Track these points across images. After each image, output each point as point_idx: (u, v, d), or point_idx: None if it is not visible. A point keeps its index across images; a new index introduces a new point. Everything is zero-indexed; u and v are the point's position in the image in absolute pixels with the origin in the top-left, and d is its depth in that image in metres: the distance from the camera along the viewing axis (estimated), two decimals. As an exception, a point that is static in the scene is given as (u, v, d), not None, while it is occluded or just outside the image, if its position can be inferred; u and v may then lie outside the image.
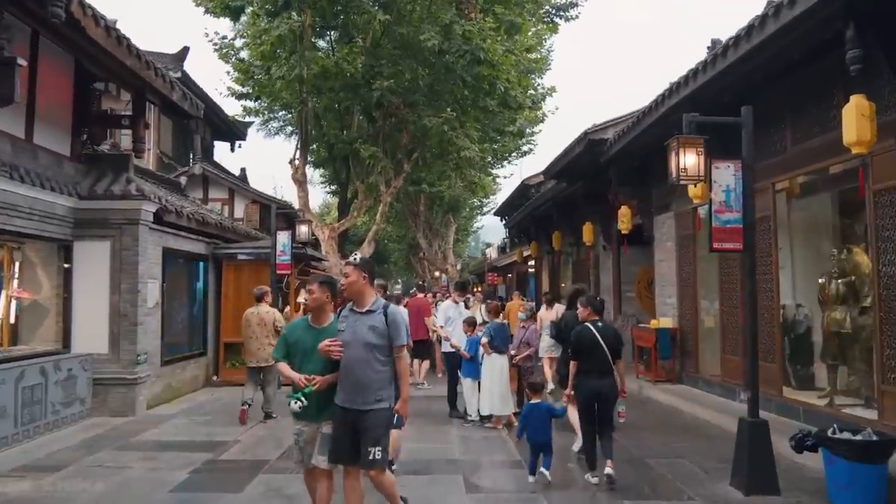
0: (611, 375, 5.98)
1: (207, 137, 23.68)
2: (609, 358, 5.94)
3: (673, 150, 6.23)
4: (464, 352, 8.84)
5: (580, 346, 6.03)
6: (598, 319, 6.21)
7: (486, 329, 8.49)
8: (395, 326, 4.26)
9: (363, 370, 4.19)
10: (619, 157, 11.82)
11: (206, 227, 12.20)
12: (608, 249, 15.17)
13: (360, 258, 4.66)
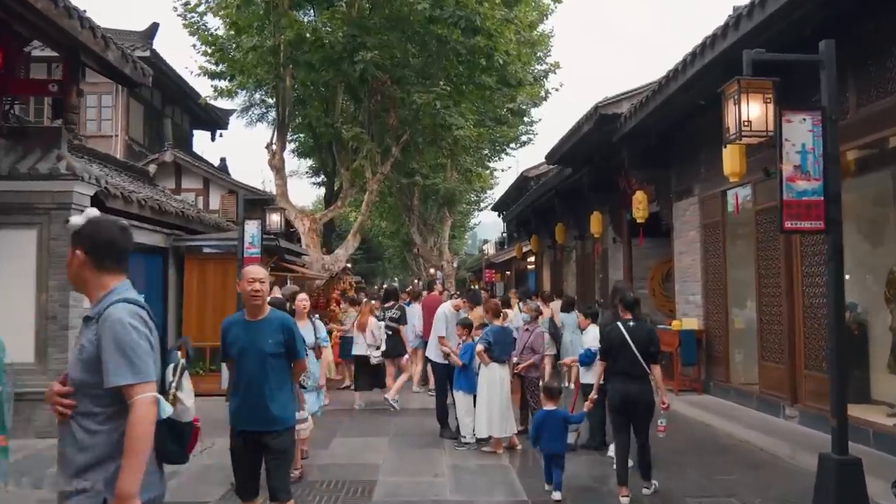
0: (643, 380, 5.42)
1: (185, 125, 22.23)
2: (640, 360, 5.38)
3: (731, 97, 4.76)
4: (455, 358, 7.38)
5: (607, 346, 5.60)
6: (629, 318, 5.63)
7: (484, 334, 7.02)
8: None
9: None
10: (635, 135, 10.37)
11: (164, 216, 10.71)
12: (618, 242, 13.72)
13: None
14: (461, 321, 7.58)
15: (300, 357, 4.15)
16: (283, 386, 3.99)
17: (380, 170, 13.89)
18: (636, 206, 11.03)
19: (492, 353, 6.90)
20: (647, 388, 5.41)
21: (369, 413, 9.45)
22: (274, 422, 3.90)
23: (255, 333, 3.91)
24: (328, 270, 14.22)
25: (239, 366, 3.95)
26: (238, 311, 4.24)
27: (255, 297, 3.88)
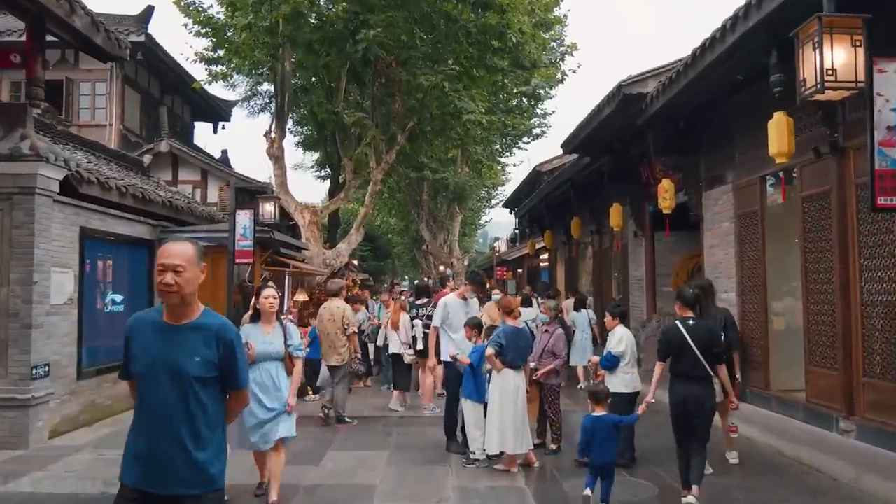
0: (705, 382, 5.17)
1: (185, 116, 21.46)
2: (702, 361, 5.12)
3: (809, 40, 3.89)
4: (463, 356, 6.50)
5: (666, 346, 5.34)
6: (689, 316, 5.35)
7: (495, 335, 6.12)
8: None
9: None
10: (661, 117, 9.44)
11: (149, 205, 9.91)
12: (640, 236, 12.77)
13: None
14: (470, 321, 6.68)
15: (241, 387, 2.79)
16: (212, 427, 2.66)
17: (385, 159, 13.01)
18: (662, 196, 10.08)
19: (504, 358, 6.00)
20: (709, 390, 5.18)
21: (369, 421, 8.59)
22: (193, 481, 2.57)
23: (173, 344, 2.62)
24: (329, 266, 13.38)
25: (144, 390, 2.64)
26: (155, 308, 2.85)
27: (167, 291, 2.62)
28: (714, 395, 5.26)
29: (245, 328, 5.12)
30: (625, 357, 6.36)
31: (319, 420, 8.46)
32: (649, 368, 11.89)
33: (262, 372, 4.96)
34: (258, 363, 4.95)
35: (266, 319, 5.18)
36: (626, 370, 6.36)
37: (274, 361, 5.05)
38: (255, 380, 4.84)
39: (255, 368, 4.90)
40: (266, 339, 5.05)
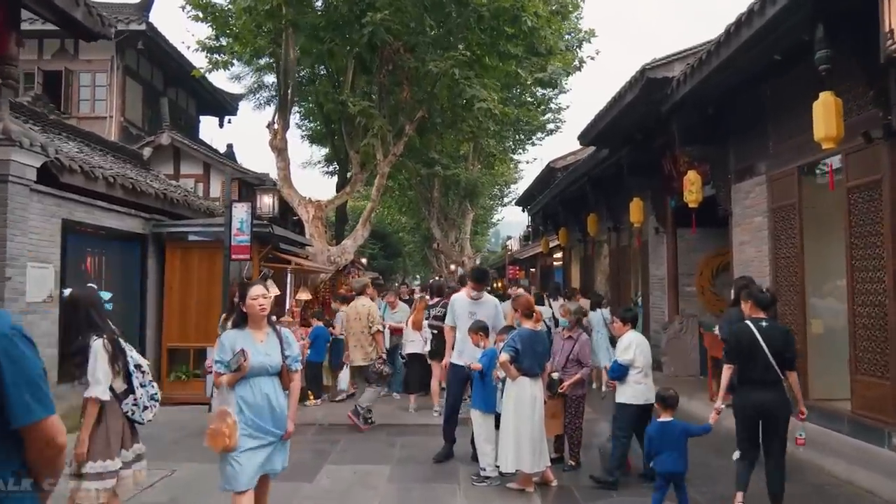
0: (777, 388, 4.84)
1: (190, 110, 20.94)
2: (774, 365, 4.80)
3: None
4: (474, 363, 5.87)
5: (736, 348, 4.98)
6: (762, 317, 4.97)
7: (511, 339, 5.47)
8: None
9: None
10: (688, 103, 8.77)
11: (141, 197, 9.35)
12: (661, 232, 12.08)
13: None
14: (474, 326, 6.03)
15: (35, 418, 1.83)
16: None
17: (392, 150, 12.39)
18: (688, 190, 9.40)
19: (521, 365, 5.36)
20: (782, 397, 4.83)
21: (372, 429, 7.98)
22: None
23: None
24: (334, 263, 12.78)
25: None
26: None
27: None
28: (788, 401, 4.88)
29: (229, 335, 3.99)
30: (635, 365, 5.70)
31: (351, 424, 8.02)
32: (675, 374, 11.27)
33: (255, 391, 3.85)
34: (250, 379, 3.84)
35: (255, 324, 4.02)
36: (638, 380, 5.71)
37: (271, 378, 3.94)
38: (246, 401, 3.83)
39: (247, 386, 3.84)
40: (261, 349, 3.91)
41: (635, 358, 5.66)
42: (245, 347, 3.84)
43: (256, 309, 3.96)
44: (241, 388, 3.85)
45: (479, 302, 6.52)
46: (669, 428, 4.83)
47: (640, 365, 5.68)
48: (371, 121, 11.62)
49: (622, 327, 6.01)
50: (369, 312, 8.27)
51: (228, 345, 3.87)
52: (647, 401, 5.64)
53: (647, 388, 5.70)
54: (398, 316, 10.16)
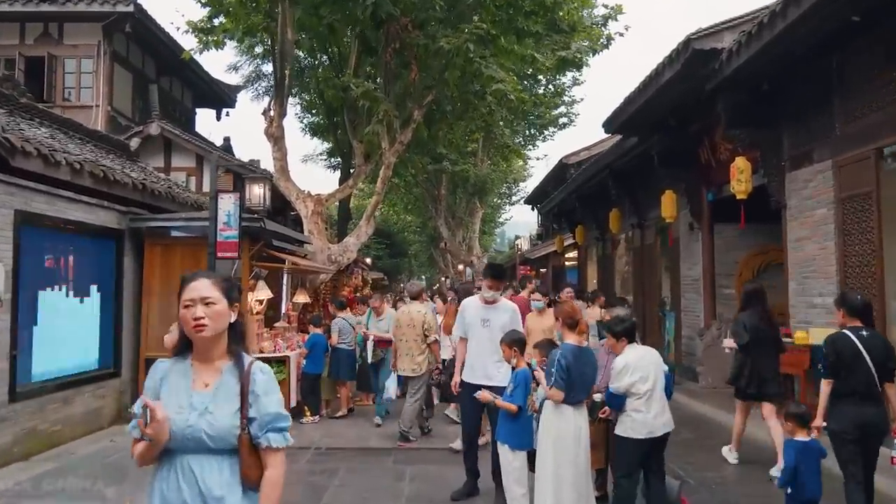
0: (879, 401, 4.35)
1: (186, 101, 19.88)
2: (876, 378, 4.30)
3: None
4: (503, 401, 4.69)
5: (836, 360, 4.45)
6: (860, 326, 4.48)
7: (558, 359, 4.26)
8: None
9: None
10: (739, 79, 7.65)
11: (115, 187, 8.26)
12: (696, 229, 10.94)
13: None
14: (508, 337, 4.86)
15: None
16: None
17: (399, 138, 11.27)
18: (736, 179, 8.26)
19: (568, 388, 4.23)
20: (884, 411, 4.38)
21: (376, 455, 6.87)
22: None
23: None
24: (335, 263, 11.68)
25: None
26: None
27: None
28: (886, 415, 4.39)
29: (157, 370, 2.24)
30: (634, 392, 4.43)
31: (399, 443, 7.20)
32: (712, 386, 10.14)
33: (179, 480, 2.10)
34: (175, 457, 2.12)
35: (200, 355, 2.21)
36: (638, 407, 4.42)
37: (214, 457, 2.12)
38: (164, 497, 2.10)
39: (167, 469, 2.12)
40: (198, 400, 2.14)
41: (633, 383, 4.41)
42: (165, 399, 2.14)
43: (190, 325, 2.14)
44: (161, 472, 2.14)
45: (493, 307, 5.37)
46: (809, 449, 4.21)
47: (640, 390, 4.42)
48: (376, 105, 10.52)
49: (616, 344, 4.63)
50: (424, 320, 7.47)
51: (150, 387, 2.20)
52: (650, 433, 4.40)
53: (651, 416, 4.42)
54: (384, 325, 8.67)
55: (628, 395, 4.45)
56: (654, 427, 4.43)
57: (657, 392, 4.48)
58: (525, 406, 4.47)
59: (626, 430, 4.46)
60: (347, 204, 18.32)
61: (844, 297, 4.80)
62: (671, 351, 11.52)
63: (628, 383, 4.42)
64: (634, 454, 4.46)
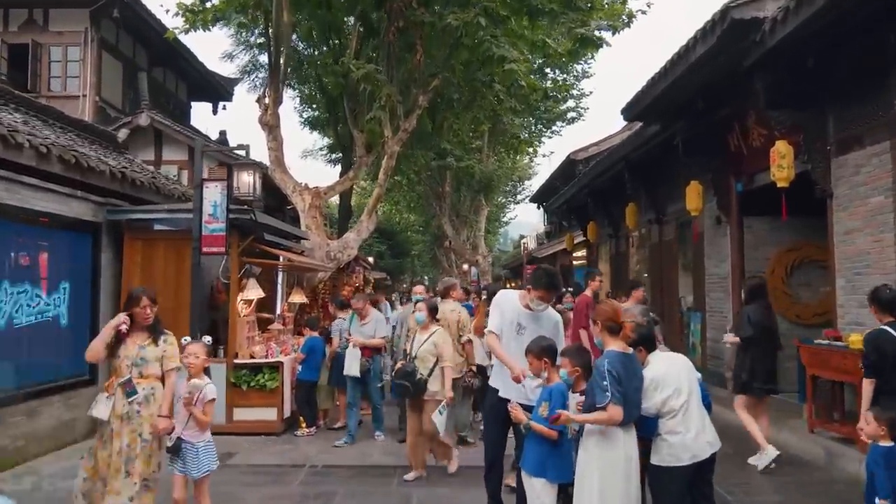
0: None
1: (181, 94, 19.14)
2: None
3: None
4: (517, 409, 3.91)
5: (879, 358, 4.32)
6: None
7: (605, 371, 3.43)
8: None
9: None
10: (782, 53, 6.84)
11: (89, 175, 7.49)
12: (724, 222, 10.13)
13: None
14: (534, 345, 4.02)
15: None
16: None
17: (403, 126, 10.49)
18: (777, 164, 7.45)
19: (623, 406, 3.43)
20: None
21: (378, 476, 6.08)
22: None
23: None
24: (335, 260, 10.89)
25: None
26: None
27: None
28: None
29: None
30: (665, 410, 3.65)
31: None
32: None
33: None
34: None
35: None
36: (674, 428, 3.63)
37: None
38: None
39: None
40: None
41: (665, 400, 3.64)
42: None
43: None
44: None
45: (535, 315, 4.50)
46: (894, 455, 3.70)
47: (674, 406, 3.64)
48: (377, 90, 9.74)
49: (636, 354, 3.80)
50: (459, 319, 7.06)
51: None
52: (693, 458, 3.62)
53: (692, 436, 3.63)
54: (368, 329, 7.57)
55: (660, 416, 3.67)
56: (697, 449, 3.64)
57: (694, 405, 3.69)
58: (565, 431, 3.67)
59: (665, 458, 3.66)
60: (349, 200, 17.54)
61: (874, 293, 4.71)
62: (697, 354, 10.72)
63: (659, 401, 3.64)
64: (679, 485, 3.65)
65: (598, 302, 6.40)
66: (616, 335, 3.66)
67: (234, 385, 7.67)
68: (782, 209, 7.77)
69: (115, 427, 4.24)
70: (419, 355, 5.83)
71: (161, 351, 4.36)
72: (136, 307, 4.36)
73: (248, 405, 7.68)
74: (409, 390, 5.72)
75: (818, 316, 9.57)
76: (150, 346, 4.35)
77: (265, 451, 7.04)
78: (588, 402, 3.56)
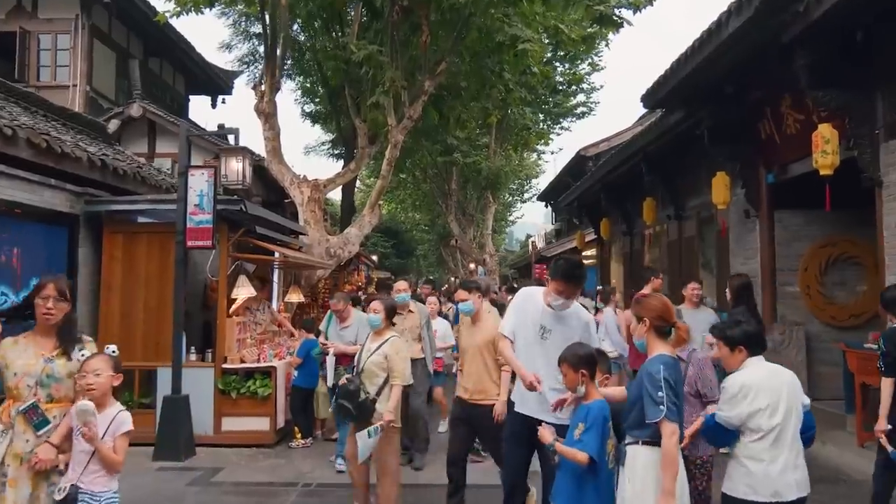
0: None
1: (179, 87, 18.52)
2: None
3: None
4: (572, 448, 3.12)
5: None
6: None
7: (658, 375, 2.74)
8: None
9: None
10: (825, 28, 6.15)
11: (64, 161, 6.85)
12: (753, 216, 9.43)
13: None
14: (570, 353, 3.28)
15: None
16: None
17: (408, 113, 9.82)
18: (821, 150, 6.75)
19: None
20: None
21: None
22: None
23: None
24: (335, 257, 10.23)
25: None
26: None
27: None
28: None
29: None
30: (751, 427, 3.03)
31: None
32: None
33: None
34: None
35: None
36: (757, 453, 3.01)
37: None
38: None
39: None
40: None
41: (753, 414, 3.00)
42: None
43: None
44: None
45: (560, 314, 3.82)
46: None
47: (762, 426, 2.99)
48: (380, 74, 9.08)
49: (731, 354, 3.20)
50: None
51: None
52: (774, 496, 2.97)
53: (777, 469, 2.98)
54: (349, 334, 6.57)
55: (742, 433, 3.01)
56: (781, 486, 2.98)
57: (789, 433, 3.01)
58: (603, 457, 2.99)
59: (738, 488, 3.01)
60: (351, 196, 16.93)
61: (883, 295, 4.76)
62: (721, 359, 10.01)
63: (745, 413, 2.99)
64: None
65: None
66: (666, 337, 2.98)
67: (222, 392, 7.03)
68: (826, 200, 7.04)
69: (11, 472, 3.17)
70: (365, 369, 4.60)
71: (75, 365, 3.27)
72: (38, 298, 3.27)
73: (238, 414, 7.04)
74: (352, 413, 4.49)
75: (854, 317, 8.89)
76: (61, 359, 3.28)
77: (255, 465, 6.39)
78: (633, 416, 2.89)
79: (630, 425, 2.87)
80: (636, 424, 2.83)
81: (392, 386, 4.57)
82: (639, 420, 2.81)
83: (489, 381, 4.58)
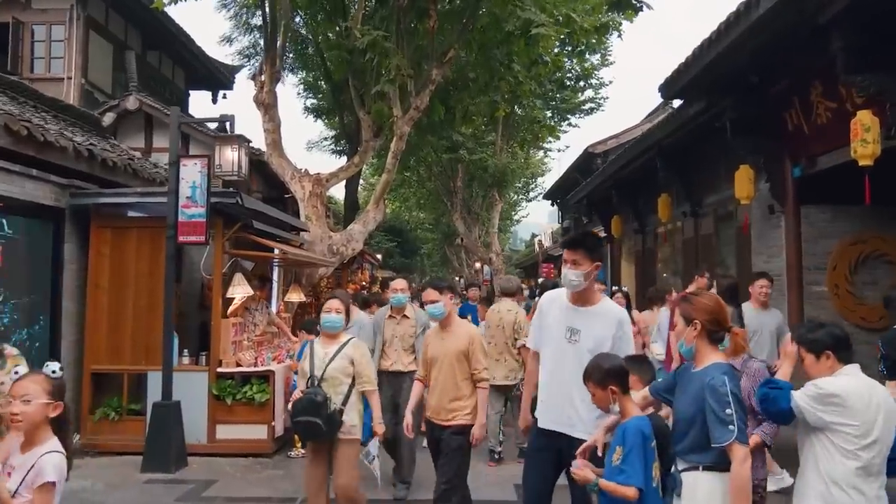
0: None
1: (178, 81, 18.10)
2: None
3: None
4: (585, 467, 2.74)
5: None
6: None
7: (724, 388, 2.34)
8: None
9: None
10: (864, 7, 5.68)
11: (48, 152, 6.41)
12: (778, 212, 8.95)
13: None
14: (598, 367, 2.84)
15: None
16: None
17: (414, 104, 9.37)
18: (861, 138, 6.27)
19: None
20: None
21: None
22: None
23: None
24: (338, 254, 9.79)
25: None
26: None
27: None
28: None
29: None
30: (865, 462, 2.59)
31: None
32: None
33: None
34: None
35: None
36: (855, 483, 2.59)
37: None
38: None
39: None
40: None
41: (835, 429, 2.60)
42: None
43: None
44: None
45: (586, 311, 3.40)
46: None
47: (877, 459, 2.60)
48: (385, 62, 8.63)
49: (816, 363, 2.81)
50: (516, 320, 6.52)
51: None
52: None
53: (863, 501, 2.57)
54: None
55: (827, 448, 2.58)
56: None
57: (878, 461, 2.56)
58: (650, 482, 2.53)
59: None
60: (355, 193, 16.49)
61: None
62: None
63: (829, 422, 2.55)
64: None
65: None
66: (717, 343, 2.53)
67: (216, 398, 6.61)
68: (865, 192, 6.57)
69: None
70: (327, 377, 4.11)
71: None
72: None
73: (234, 421, 6.62)
74: (321, 429, 3.97)
75: (885, 319, 8.44)
76: None
77: (251, 478, 5.96)
78: (691, 437, 2.44)
79: (686, 448, 2.42)
80: (695, 447, 2.39)
81: (365, 393, 4.18)
82: (699, 442, 2.36)
83: (458, 399, 4.09)
